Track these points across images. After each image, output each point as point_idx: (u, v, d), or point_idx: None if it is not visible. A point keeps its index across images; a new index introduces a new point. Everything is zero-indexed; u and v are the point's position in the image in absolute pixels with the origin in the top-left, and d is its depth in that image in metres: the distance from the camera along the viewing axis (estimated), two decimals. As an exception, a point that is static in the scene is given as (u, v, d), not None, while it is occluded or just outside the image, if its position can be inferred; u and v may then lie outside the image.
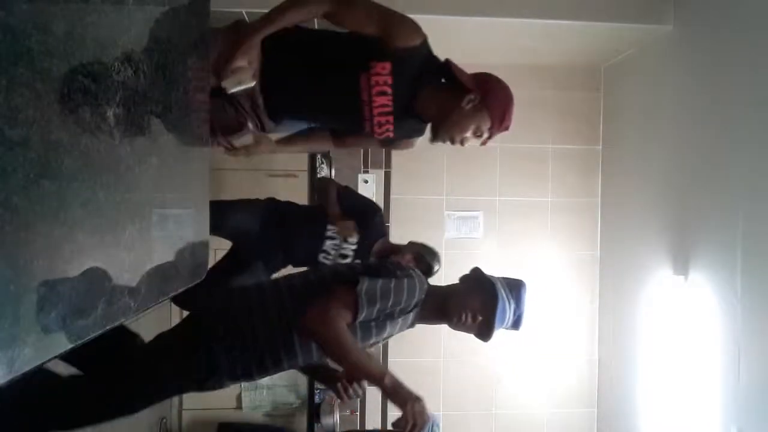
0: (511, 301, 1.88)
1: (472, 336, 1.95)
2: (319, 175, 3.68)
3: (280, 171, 3.83)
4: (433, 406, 3.39)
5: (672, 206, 3.53)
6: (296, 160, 3.78)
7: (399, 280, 1.78)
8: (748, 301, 2.84)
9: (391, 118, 1.85)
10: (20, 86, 0.67)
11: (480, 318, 1.85)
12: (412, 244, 2.72)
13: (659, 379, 3.57)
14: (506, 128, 1.88)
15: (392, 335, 1.93)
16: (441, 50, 2.19)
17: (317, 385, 3.71)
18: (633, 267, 3.97)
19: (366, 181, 4.21)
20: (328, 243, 2.59)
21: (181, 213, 1.35)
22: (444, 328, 2.94)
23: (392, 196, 4.31)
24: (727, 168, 3.03)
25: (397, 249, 2.69)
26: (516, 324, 1.92)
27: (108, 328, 0.94)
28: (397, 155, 4.27)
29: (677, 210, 3.48)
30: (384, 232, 2.82)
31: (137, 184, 1.02)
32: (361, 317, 1.71)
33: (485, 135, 1.87)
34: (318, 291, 1.76)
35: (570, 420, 4.42)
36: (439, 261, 2.70)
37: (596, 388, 4.44)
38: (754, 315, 2.80)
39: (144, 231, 1.08)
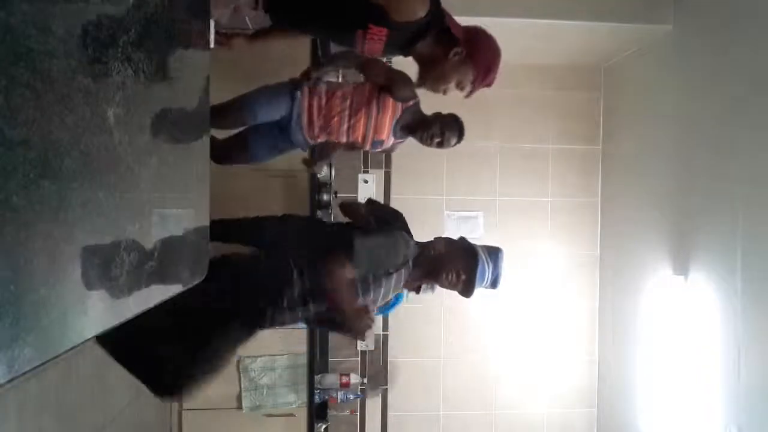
0: (490, 264, 2.16)
1: (471, 336, 2.06)
2: (319, 175, 3.68)
3: (280, 171, 3.83)
4: (434, 405, 3.41)
5: (672, 206, 3.53)
6: (296, 160, 3.77)
7: (388, 239, 2.14)
8: (748, 301, 2.84)
9: (380, 54, 1.91)
10: (20, 86, 0.67)
11: (463, 276, 2.15)
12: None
13: (659, 378, 3.57)
14: (488, 85, 1.92)
15: (389, 292, 2.18)
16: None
17: (317, 385, 3.71)
18: (633, 267, 3.97)
19: (366, 181, 4.21)
20: None
21: (181, 213, 1.35)
22: (443, 330, 2.95)
23: (392, 196, 4.31)
24: (727, 168, 3.03)
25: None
26: (494, 283, 2.19)
27: (107, 327, 0.94)
28: (396, 155, 4.27)
29: (677, 210, 3.48)
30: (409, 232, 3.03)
31: (137, 184, 1.02)
32: (360, 272, 2.03)
33: (467, 89, 1.91)
34: (330, 247, 2.09)
35: (570, 420, 4.42)
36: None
37: (596, 388, 4.44)
38: (754, 315, 2.80)
39: (144, 231, 1.08)
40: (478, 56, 1.87)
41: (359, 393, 4.11)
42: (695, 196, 3.31)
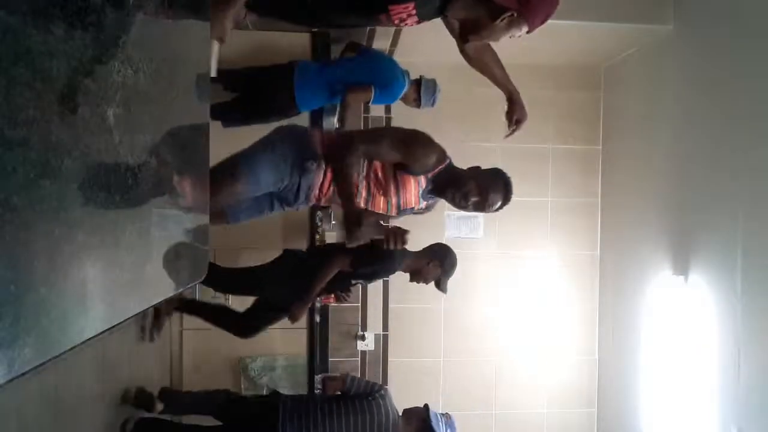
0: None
1: (471, 336, 2.05)
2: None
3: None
4: (433, 405, 3.40)
5: (672, 206, 3.53)
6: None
7: None
8: (748, 301, 2.84)
9: (415, 24, 1.74)
10: (20, 86, 0.67)
11: None
12: (426, 250, 2.96)
13: (659, 379, 3.57)
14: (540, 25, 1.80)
15: None
16: (442, 49, 2.17)
17: (317, 385, 3.72)
18: (633, 267, 3.97)
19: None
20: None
21: (181, 213, 1.35)
22: (444, 328, 2.96)
23: (392, 196, 4.31)
24: (727, 168, 3.03)
25: (421, 263, 2.92)
26: None
27: (107, 328, 0.94)
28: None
29: (677, 210, 3.48)
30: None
31: (137, 184, 1.02)
32: None
33: (521, 36, 1.78)
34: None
35: (570, 420, 4.42)
36: (454, 263, 2.95)
37: (596, 388, 4.44)
38: (754, 315, 2.80)
39: (144, 231, 1.08)
40: (532, 14, 1.71)
41: (359, 393, 4.11)
42: (695, 196, 3.31)
